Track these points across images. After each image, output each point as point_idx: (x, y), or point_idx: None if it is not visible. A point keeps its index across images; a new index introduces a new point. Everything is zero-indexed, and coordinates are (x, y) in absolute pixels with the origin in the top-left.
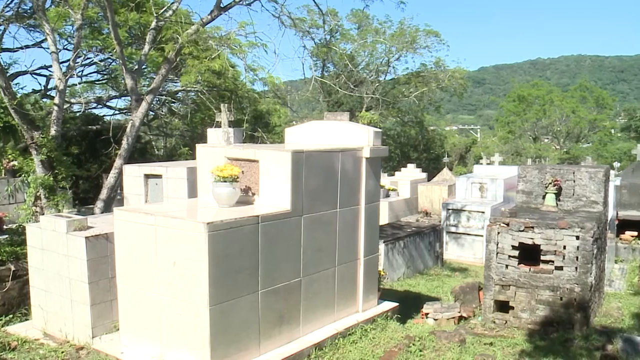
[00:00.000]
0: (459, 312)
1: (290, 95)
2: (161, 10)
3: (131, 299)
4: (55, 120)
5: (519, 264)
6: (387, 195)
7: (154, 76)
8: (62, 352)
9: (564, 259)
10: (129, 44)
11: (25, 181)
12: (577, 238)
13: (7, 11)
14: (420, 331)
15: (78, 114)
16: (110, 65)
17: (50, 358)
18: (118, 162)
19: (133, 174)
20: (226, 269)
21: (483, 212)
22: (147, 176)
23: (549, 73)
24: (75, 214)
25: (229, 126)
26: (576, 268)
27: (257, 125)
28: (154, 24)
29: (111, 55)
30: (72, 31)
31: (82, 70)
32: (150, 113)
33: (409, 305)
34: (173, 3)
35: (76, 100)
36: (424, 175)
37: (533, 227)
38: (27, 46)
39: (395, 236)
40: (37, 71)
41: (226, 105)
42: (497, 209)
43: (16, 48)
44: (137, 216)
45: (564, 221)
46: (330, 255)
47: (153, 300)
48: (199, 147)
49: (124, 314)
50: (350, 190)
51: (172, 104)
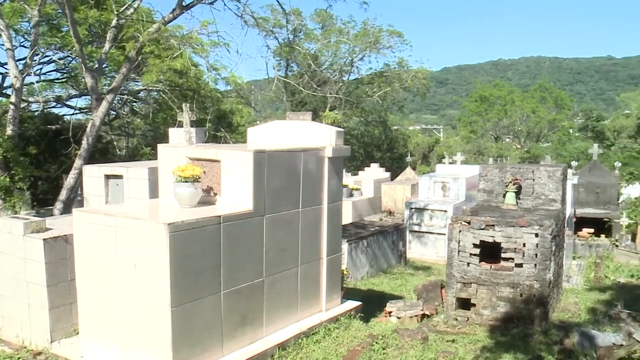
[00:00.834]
0: (422, 310)
1: (254, 94)
2: (122, 8)
3: (91, 302)
4: (11, 120)
5: (480, 261)
6: (351, 195)
7: (115, 75)
8: (19, 358)
9: (523, 256)
10: (89, 42)
11: None
12: (536, 236)
13: None
14: (383, 329)
15: (36, 113)
16: (70, 64)
17: None
18: (78, 163)
19: (93, 175)
20: (188, 270)
21: (445, 211)
22: (108, 177)
23: (510, 74)
24: (34, 216)
25: (191, 126)
26: (535, 265)
27: (220, 125)
28: (114, 22)
29: (70, 54)
30: (29, 28)
31: (41, 69)
32: (112, 112)
33: (372, 304)
34: (134, 1)
35: (34, 99)
36: (388, 174)
37: (494, 226)
38: None
39: (358, 235)
40: None
41: (188, 104)
42: (459, 208)
43: None
44: (97, 217)
45: (523, 219)
46: (293, 255)
47: (114, 302)
48: (161, 147)
49: (83, 317)
50: (312, 189)
51: (134, 104)
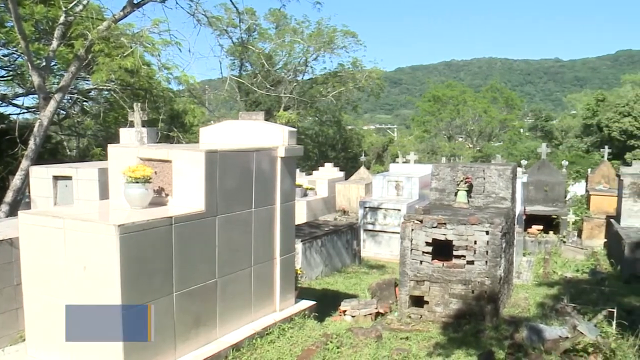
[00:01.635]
0: (376, 309)
1: (207, 94)
2: (70, 5)
3: (39, 307)
4: None
5: (432, 259)
6: (305, 195)
7: (64, 73)
8: None
9: (474, 253)
10: (36, 39)
11: None
12: (487, 233)
13: None
14: (338, 328)
15: None
16: (16, 61)
17: None
18: (25, 164)
19: (41, 176)
20: (139, 272)
21: (399, 210)
22: (56, 178)
23: (462, 74)
24: None
25: (143, 126)
26: (486, 262)
27: (174, 125)
28: (62, 19)
29: (16, 50)
30: None
31: None
32: (61, 112)
33: (327, 303)
34: None
35: None
36: (342, 174)
37: (445, 224)
38: None
39: (312, 235)
40: None
41: (139, 104)
42: (413, 207)
43: None
44: (45, 219)
45: (474, 217)
46: (246, 255)
47: (62, 307)
48: (111, 148)
49: (30, 323)
50: (265, 189)
51: (85, 103)
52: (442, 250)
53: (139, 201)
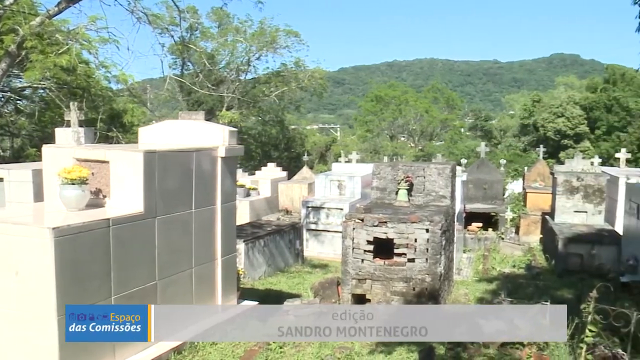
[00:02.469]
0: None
1: (148, 93)
2: None
3: None
4: None
5: (374, 257)
6: (248, 195)
7: None
8: None
9: (415, 251)
10: None
11: None
12: (427, 231)
13: None
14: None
15: None
16: None
17: None
18: None
19: None
20: (75, 276)
21: (342, 209)
22: None
23: (404, 74)
24: None
25: (80, 125)
26: (427, 259)
27: (113, 125)
28: None
29: None
30: None
31: None
32: None
33: (270, 303)
34: None
35: None
36: (285, 174)
37: (386, 222)
38: None
39: (255, 235)
40: None
41: (76, 103)
42: (355, 206)
43: None
44: None
45: (414, 215)
46: (187, 257)
47: None
48: (45, 148)
49: None
50: (205, 190)
51: (18, 102)
52: (384, 248)
53: (75, 203)
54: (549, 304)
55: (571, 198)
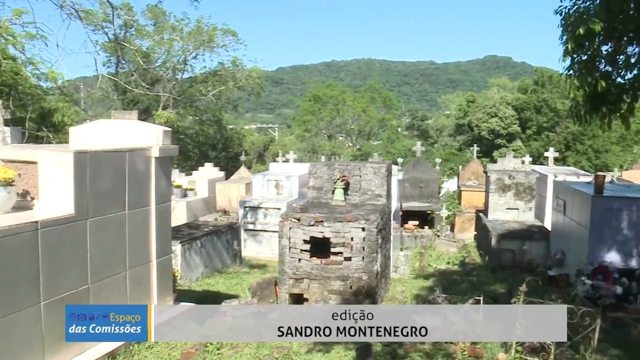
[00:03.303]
0: None
1: (81, 92)
2: None
3: None
4: None
5: (311, 257)
6: (185, 195)
7: None
8: None
9: (351, 250)
10: None
11: None
12: (363, 230)
13: None
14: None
15: None
16: None
17: None
18: None
19: None
20: (1, 282)
21: (279, 209)
22: None
23: (342, 75)
24: None
25: (7, 125)
26: (363, 258)
27: (44, 125)
28: None
29: None
30: None
31: None
32: None
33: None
34: None
35: None
36: (222, 174)
37: (323, 221)
38: None
39: (192, 236)
40: None
41: (2, 102)
42: (292, 205)
43: None
44: None
45: (350, 214)
46: (121, 259)
47: None
48: None
49: None
50: (139, 191)
51: None
52: (320, 247)
53: (0, 206)
54: (482, 298)
55: (503, 196)
